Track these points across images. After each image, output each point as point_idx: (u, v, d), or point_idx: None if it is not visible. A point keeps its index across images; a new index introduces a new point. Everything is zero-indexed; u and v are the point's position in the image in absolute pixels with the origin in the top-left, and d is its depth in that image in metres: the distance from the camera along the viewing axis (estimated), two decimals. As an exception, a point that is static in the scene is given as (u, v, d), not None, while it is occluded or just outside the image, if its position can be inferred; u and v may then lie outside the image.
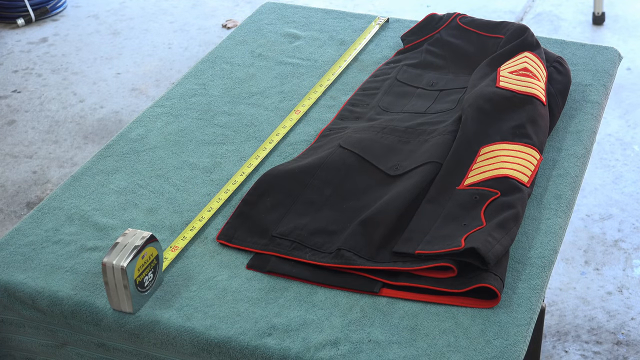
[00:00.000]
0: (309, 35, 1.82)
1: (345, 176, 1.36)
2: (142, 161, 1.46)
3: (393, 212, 1.26)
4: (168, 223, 1.32)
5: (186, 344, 1.14)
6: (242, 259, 1.25)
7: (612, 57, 1.72)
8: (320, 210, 1.31)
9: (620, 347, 2.21)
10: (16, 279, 1.22)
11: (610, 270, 2.46)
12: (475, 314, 1.15)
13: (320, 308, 1.17)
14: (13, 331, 1.24)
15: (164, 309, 1.17)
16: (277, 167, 1.39)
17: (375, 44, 1.79)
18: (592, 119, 1.54)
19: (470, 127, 1.38)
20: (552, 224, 1.30)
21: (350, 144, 1.42)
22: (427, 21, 1.75)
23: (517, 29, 1.63)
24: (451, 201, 1.27)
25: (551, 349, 2.21)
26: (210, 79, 1.67)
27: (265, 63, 1.73)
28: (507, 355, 1.09)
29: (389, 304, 1.17)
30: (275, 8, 1.93)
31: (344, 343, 1.11)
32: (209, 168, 1.44)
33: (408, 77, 1.63)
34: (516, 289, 1.19)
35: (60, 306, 1.19)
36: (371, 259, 1.21)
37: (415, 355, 1.10)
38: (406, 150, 1.41)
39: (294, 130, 1.53)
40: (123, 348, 1.18)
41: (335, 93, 1.63)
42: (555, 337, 2.24)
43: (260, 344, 1.12)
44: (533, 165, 1.33)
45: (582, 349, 2.21)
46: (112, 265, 1.13)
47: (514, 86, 1.45)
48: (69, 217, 1.34)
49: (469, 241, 1.17)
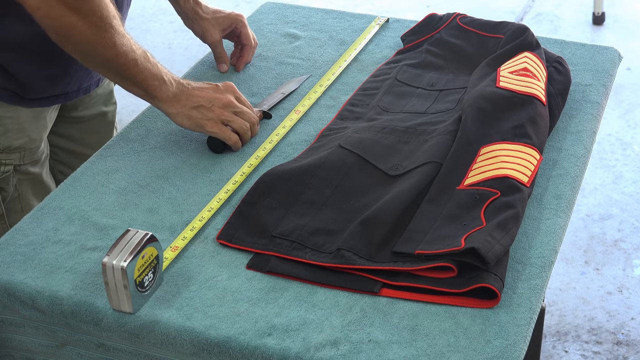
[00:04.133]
0: (309, 35, 1.82)
1: (346, 176, 1.36)
2: (142, 161, 1.46)
3: (393, 212, 1.26)
4: (168, 223, 1.32)
5: (186, 344, 1.14)
6: (242, 259, 1.25)
7: (612, 57, 1.72)
8: (320, 210, 1.31)
9: (620, 347, 2.21)
10: (16, 279, 1.22)
11: (610, 270, 2.47)
12: (475, 314, 1.15)
13: (320, 308, 1.17)
14: (13, 331, 1.24)
15: (164, 309, 1.17)
16: (277, 167, 1.39)
17: (375, 44, 1.78)
18: (592, 119, 1.54)
19: (470, 127, 1.38)
20: (552, 224, 1.30)
21: (350, 144, 1.42)
22: (427, 21, 1.75)
23: (517, 29, 1.63)
24: (451, 201, 1.27)
25: (551, 349, 2.21)
26: (210, 79, 1.67)
27: (265, 63, 1.73)
28: (507, 355, 1.09)
29: (389, 304, 1.17)
30: (275, 8, 1.93)
31: (344, 343, 1.11)
32: (209, 168, 1.44)
33: (408, 77, 1.63)
34: (516, 289, 1.19)
35: (60, 306, 1.19)
36: (371, 259, 1.21)
37: (415, 355, 1.10)
38: (406, 150, 1.40)
39: (294, 130, 1.53)
40: (123, 348, 1.18)
41: (335, 93, 1.63)
42: (555, 337, 2.24)
43: (260, 344, 1.12)
44: (533, 165, 1.33)
45: (582, 349, 2.21)
46: (112, 265, 1.13)
47: (514, 86, 1.45)
48: (69, 217, 1.34)
49: (469, 241, 1.17)
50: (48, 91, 1.52)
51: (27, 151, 1.54)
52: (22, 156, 1.53)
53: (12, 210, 1.56)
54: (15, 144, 1.51)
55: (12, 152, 1.52)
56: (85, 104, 1.67)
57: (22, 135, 1.52)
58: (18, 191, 1.55)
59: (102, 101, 1.71)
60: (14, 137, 1.51)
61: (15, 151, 1.52)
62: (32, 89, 1.49)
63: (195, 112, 1.42)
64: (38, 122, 1.54)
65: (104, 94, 1.71)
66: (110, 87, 1.73)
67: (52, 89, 1.52)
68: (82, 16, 1.29)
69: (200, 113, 1.42)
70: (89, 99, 1.66)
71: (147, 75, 1.38)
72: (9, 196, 1.54)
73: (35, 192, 1.59)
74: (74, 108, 1.66)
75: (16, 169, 1.53)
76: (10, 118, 1.50)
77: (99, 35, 1.31)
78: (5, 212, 1.55)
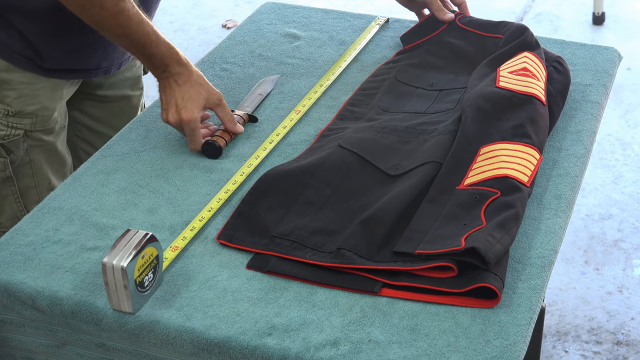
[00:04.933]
0: (309, 36, 1.82)
1: (346, 176, 1.36)
2: (142, 161, 1.46)
3: (393, 212, 1.26)
4: (168, 223, 1.32)
5: (186, 344, 1.14)
6: (242, 259, 1.25)
7: (612, 57, 1.72)
8: (320, 210, 1.31)
9: (620, 347, 2.21)
10: (16, 279, 1.22)
11: (610, 270, 2.47)
12: (475, 314, 1.15)
13: (320, 308, 1.17)
14: (13, 331, 1.24)
15: (164, 309, 1.17)
16: (277, 167, 1.39)
17: (375, 44, 1.78)
18: (592, 119, 1.54)
19: (470, 127, 1.38)
20: (552, 224, 1.30)
21: (350, 143, 1.42)
22: (426, 21, 1.75)
23: (517, 28, 1.63)
24: (451, 201, 1.27)
25: (551, 349, 2.21)
26: (210, 79, 1.67)
27: (265, 63, 1.73)
28: (507, 355, 1.09)
29: (389, 304, 1.17)
30: (275, 8, 1.93)
31: (344, 343, 1.11)
32: (209, 168, 1.44)
33: (408, 77, 1.63)
34: (516, 289, 1.19)
35: (60, 306, 1.19)
36: (371, 259, 1.21)
37: (415, 355, 1.10)
38: (406, 150, 1.41)
39: (294, 130, 1.53)
40: (123, 348, 1.18)
41: (335, 93, 1.63)
42: (555, 337, 2.24)
43: (260, 344, 1.12)
44: (533, 165, 1.33)
45: (582, 349, 2.21)
46: (112, 265, 1.13)
47: (513, 86, 1.45)
48: (69, 217, 1.34)
49: (469, 241, 1.17)
50: (64, 63, 1.55)
51: (39, 118, 1.56)
52: (34, 122, 1.55)
53: (22, 175, 1.59)
54: (28, 110, 1.54)
55: (24, 117, 1.54)
56: (111, 85, 1.71)
57: (35, 102, 1.54)
58: (29, 156, 1.58)
59: (129, 85, 1.75)
60: (27, 103, 1.53)
61: (27, 116, 1.54)
62: (47, 58, 1.51)
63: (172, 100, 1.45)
64: (54, 93, 1.57)
65: (132, 78, 1.75)
66: (138, 73, 1.77)
67: (69, 61, 1.55)
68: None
69: (171, 105, 1.45)
70: (115, 79, 1.70)
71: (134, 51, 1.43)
72: (18, 159, 1.57)
73: (49, 161, 1.62)
74: (99, 86, 1.70)
75: (27, 135, 1.56)
76: (25, 84, 1.52)
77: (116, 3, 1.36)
78: (15, 175, 1.58)
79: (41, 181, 1.60)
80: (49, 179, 1.61)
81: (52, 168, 1.62)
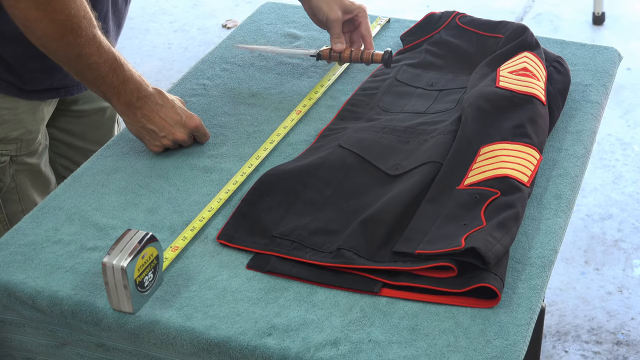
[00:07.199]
0: (309, 35, 1.82)
1: (346, 176, 1.36)
2: (142, 161, 1.46)
3: (393, 212, 1.26)
4: (168, 223, 1.32)
5: (186, 344, 1.14)
6: (242, 259, 1.25)
7: (612, 57, 1.72)
8: (320, 210, 1.31)
9: (620, 347, 2.21)
10: (16, 279, 1.22)
11: (610, 270, 2.47)
12: (475, 314, 1.15)
13: (320, 308, 1.17)
14: (13, 331, 1.24)
15: (164, 309, 1.17)
16: (278, 167, 1.39)
17: (375, 44, 1.78)
18: (592, 119, 1.54)
19: (470, 127, 1.38)
20: (552, 224, 1.30)
21: (350, 143, 1.42)
22: (426, 21, 1.75)
23: (517, 28, 1.63)
24: (451, 201, 1.27)
25: (551, 349, 2.21)
26: (210, 79, 1.67)
27: (265, 63, 1.73)
28: (507, 355, 1.09)
29: (389, 304, 1.17)
30: (275, 8, 1.93)
31: (344, 343, 1.11)
32: (209, 168, 1.44)
33: (408, 77, 1.63)
34: (516, 289, 1.19)
35: (60, 306, 1.19)
36: (371, 259, 1.21)
37: (415, 355, 1.10)
38: (406, 150, 1.40)
39: (294, 130, 1.53)
40: (123, 348, 1.18)
41: (335, 93, 1.63)
42: (555, 337, 2.24)
43: (260, 344, 1.12)
44: (533, 165, 1.33)
45: (582, 349, 2.21)
46: (112, 265, 1.13)
47: (513, 86, 1.45)
48: (69, 217, 1.34)
49: (469, 241, 1.17)
50: (45, 83, 1.53)
51: (24, 142, 1.55)
52: (19, 147, 1.54)
53: (9, 201, 1.57)
54: (12, 135, 1.52)
55: (9, 143, 1.52)
56: (85, 98, 1.69)
57: (19, 127, 1.53)
58: (16, 181, 1.56)
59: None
60: (11, 128, 1.52)
61: (12, 142, 1.53)
62: (29, 80, 1.50)
63: (145, 132, 1.43)
64: (35, 114, 1.55)
65: None
66: None
67: (50, 81, 1.53)
68: (48, 12, 1.29)
69: (150, 135, 1.43)
70: (90, 93, 1.67)
71: (105, 81, 1.39)
72: (5, 186, 1.55)
73: (34, 183, 1.60)
74: (74, 102, 1.67)
75: (13, 160, 1.54)
76: (7, 109, 1.50)
77: (63, 33, 1.31)
78: (2, 202, 1.56)
79: (28, 205, 1.58)
80: (35, 202, 1.59)
81: (37, 190, 1.60)
